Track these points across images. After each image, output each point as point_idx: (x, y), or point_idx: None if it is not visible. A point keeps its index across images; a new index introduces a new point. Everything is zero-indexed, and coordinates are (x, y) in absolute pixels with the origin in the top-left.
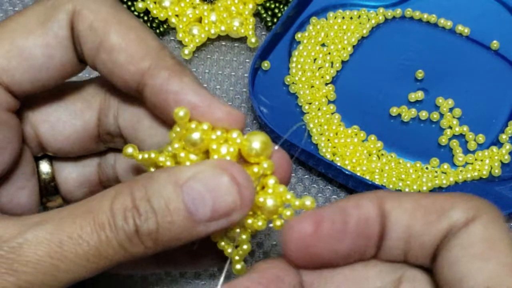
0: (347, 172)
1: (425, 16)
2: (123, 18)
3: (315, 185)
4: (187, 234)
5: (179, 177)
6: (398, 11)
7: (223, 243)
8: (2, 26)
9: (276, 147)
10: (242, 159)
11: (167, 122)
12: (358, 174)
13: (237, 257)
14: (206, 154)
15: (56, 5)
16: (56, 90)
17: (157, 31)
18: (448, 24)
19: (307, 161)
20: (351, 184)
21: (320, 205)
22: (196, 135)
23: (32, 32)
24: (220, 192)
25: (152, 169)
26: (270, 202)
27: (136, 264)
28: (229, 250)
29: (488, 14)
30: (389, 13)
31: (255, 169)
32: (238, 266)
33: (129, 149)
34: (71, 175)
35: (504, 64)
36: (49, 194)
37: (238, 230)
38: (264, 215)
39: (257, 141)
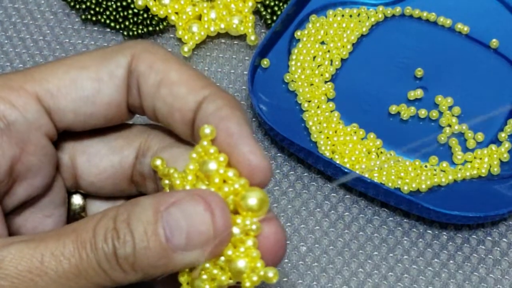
0: (346, 170)
1: (425, 14)
2: (179, 59)
3: (314, 183)
4: (164, 262)
5: (161, 203)
6: (398, 9)
7: None
8: (59, 61)
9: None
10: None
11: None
12: (357, 172)
13: None
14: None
15: (116, 49)
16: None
17: (157, 28)
18: (448, 22)
19: (306, 159)
20: (350, 182)
21: (319, 203)
22: (213, 166)
23: (87, 67)
24: (195, 220)
25: (168, 190)
26: (241, 264)
27: None
28: None
29: (488, 13)
30: (389, 11)
31: (241, 220)
32: None
33: (158, 161)
34: (101, 209)
35: (503, 62)
36: None
37: (205, 276)
38: (230, 272)
39: (254, 197)
